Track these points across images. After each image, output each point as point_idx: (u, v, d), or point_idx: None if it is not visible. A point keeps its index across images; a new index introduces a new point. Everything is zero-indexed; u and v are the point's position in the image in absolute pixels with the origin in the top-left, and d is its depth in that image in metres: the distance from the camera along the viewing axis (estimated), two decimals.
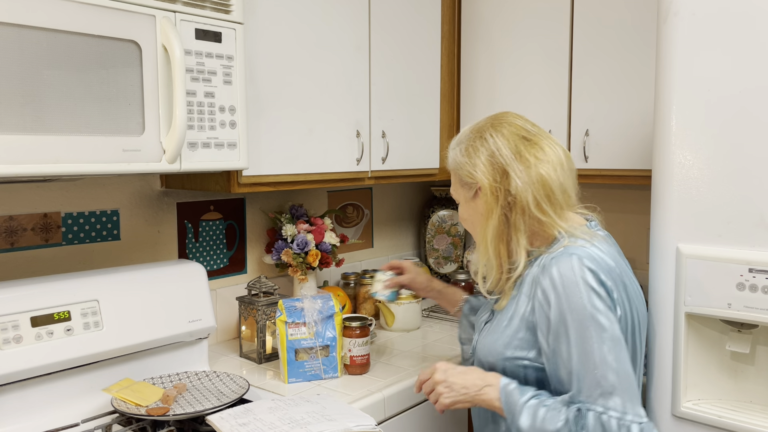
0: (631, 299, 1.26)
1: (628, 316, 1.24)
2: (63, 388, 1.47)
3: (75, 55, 1.26)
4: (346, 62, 1.94)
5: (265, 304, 1.84)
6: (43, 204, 1.64)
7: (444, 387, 1.31)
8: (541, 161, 1.27)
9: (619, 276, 1.23)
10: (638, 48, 1.96)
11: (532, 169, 1.26)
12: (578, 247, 1.23)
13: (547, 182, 1.26)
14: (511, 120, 1.34)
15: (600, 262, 1.21)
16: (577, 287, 1.18)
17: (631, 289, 1.27)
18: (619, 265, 1.27)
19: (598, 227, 1.37)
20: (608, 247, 1.29)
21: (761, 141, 1.28)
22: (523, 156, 1.27)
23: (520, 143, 1.29)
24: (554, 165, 1.28)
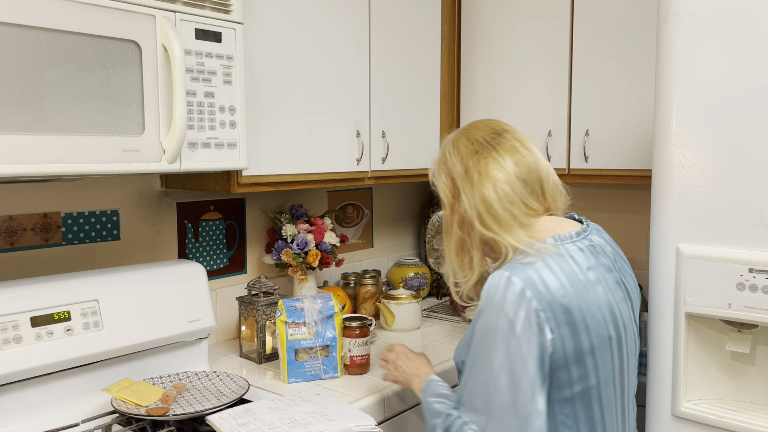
0: (578, 323, 1.16)
1: (566, 340, 1.15)
2: (63, 388, 1.47)
3: (75, 55, 1.26)
4: (346, 62, 1.94)
5: (265, 304, 1.84)
6: (43, 204, 1.64)
7: (392, 365, 1.55)
8: (483, 178, 1.25)
9: (560, 299, 1.15)
10: (638, 48, 1.96)
11: (476, 188, 1.26)
12: (517, 264, 1.18)
13: (487, 201, 1.24)
14: (472, 132, 1.33)
15: (533, 283, 1.15)
16: (492, 304, 1.16)
17: (584, 311, 1.16)
18: (574, 284, 1.17)
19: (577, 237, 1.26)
20: (568, 264, 1.19)
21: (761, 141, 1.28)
22: (470, 174, 1.27)
23: (470, 159, 1.28)
24: (495, 182, 1.24)
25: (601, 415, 1.21)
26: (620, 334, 1.21)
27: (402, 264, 2.57)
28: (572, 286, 1.16)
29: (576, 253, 1.21)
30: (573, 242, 1.23)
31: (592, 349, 1.17)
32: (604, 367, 1.19)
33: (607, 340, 1.19)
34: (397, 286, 2.51)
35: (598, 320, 1.18)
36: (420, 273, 2.54)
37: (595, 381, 1.19)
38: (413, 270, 2.54)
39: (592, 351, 1.17)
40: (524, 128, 2.20)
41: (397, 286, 2.51)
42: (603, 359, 1.19)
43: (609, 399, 1.21)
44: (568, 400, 1.18)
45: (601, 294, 1.19)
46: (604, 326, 1.18)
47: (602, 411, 1.21)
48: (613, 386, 1.22)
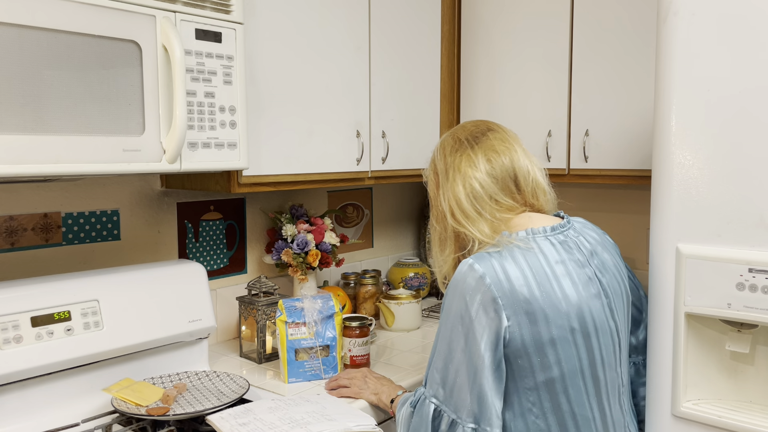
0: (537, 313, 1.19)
1: (524, 329, 1.18)
2: (63, 388, 1.47)
3: (75, 55, 1.27)
4: (346, 62, 1.94)
5: (265, 304, 1.84)
6: (43, 204, 1.64)
7: (359, 380, 1.58)
8: (456, 174, 1.33)
9: (519, 288, 1.18)
10: (638, 48, 1.97)
11: (449, 184, 1.34)
12: (483, 254, 1.24)
13: (456, 196, 1.32)
14: (459, 131, 1.39)
15: (494, 271, 1.20)
16: (455, 288, 1.24)
17: (543, 303, 1.19)
18: (537, 275, 1.20)
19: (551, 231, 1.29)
20: (536, 258, 1.23)
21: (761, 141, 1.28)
22: (448, 171, 1.35)
23: (450, 157, 1.36)
24: (465, 178, 1.31)
25: (570, 408, 1.23)
26: (587, 329, 1.22)
27: (402, 264, 2.57)
28: (535, 277, 1.21)
29: (546, 246, 1.26)
30: (545, 236, 1.28)
31: (552, 340, 1.20)
32: (568, 359, 1.21)
33: (569, 332, 1.21)
34: (397, 286, 2.51)
35: (559, 312, 1.20)
36: (420, 273, 2.54)
37: (559, 372, 1.21)
38: (413, 270, 2.54)
39: (552, 342, 1.20)
40: (524, 128, 2.21)
41: (397, 286, 2.51)
42: (566, 351, 1.21)
43: (578, 392, 1.23)
44: (533, 389, 1.22)
45: (567, 288, 1.22)
46: (566, 318, 1.21)
47: (570, 403, 1.23)
48: (582, 379, 1.23)
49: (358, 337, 1.73)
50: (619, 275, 1.34)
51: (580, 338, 1.22)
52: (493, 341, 1.19)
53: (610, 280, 1.30)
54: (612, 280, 1.31)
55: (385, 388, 1.53)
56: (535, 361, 1.20)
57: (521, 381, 1.22)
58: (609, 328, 1.27)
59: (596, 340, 1.24)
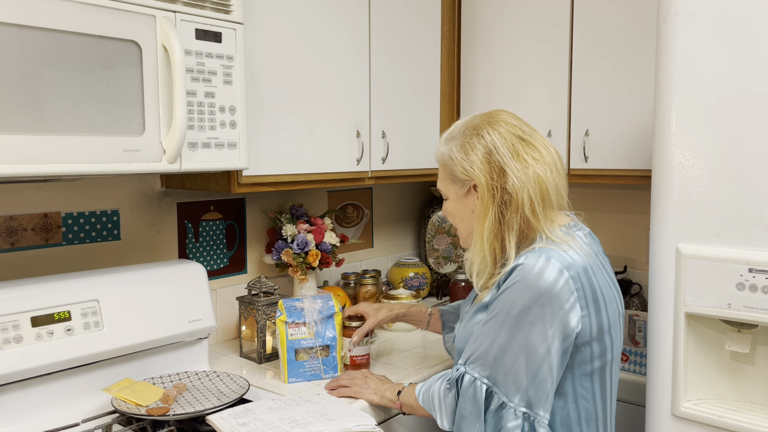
0: (600, 303, 1.25)
1: (592, 318, 1.24)
2: (63, 388, 1.47)
3: (75, 55, 1.27)
4: (346, 62, 1.94)
5: (265, 304, 1.84)
6: (43, 204, 1.64)
7: (360, 380, 1.56)
8: (537, 161, 1.29)
9: (588, 280, 1.24)
10: (638, 49, 1.96)
11: (530, 169, 1.27)
12: (550, 249, 1.24)
13: (543, 182, 1.27)
14: (507, 119, 1.35)
15: (568, 262, 1.23)
16: (528, 281, 1.21)
17: (602, 291, 1.26)
18: (593, 266, 1.27)
19: (578, 226, 1.37)
20: (584, 249, 1.28)
21: (761, 141, 1.28)
22: (520, 155, 1.29)
23: (516, 142, 1.30)
24: (550, 166, 1.29)
25: (611, 388, 1.32)
26: (622, 311, 1.34)
27: (402, 264, 2.57)
28: (592, 268, 1.26)
29: (584, 238, 1.32)
30: (576, 230, 1.34)
31: (609, 326, 1.27)
32: (617, 342, 1.31)
33: (618, 317, 1.31)
34: (397, 286, 2.51)
35: (612, 298, 1.29)
36: (420, 273, 2.54)
37: (611, 356, 1.29)
38: (413, 270, 2.54)
39: (609, 328, 1.27)
40: None
41: (397, 286, 2.51)
42: (616, 335, 1.30)
43: (616, 373, 1.33)
44: (588, 375, 1.27)
45: (609, 274, 1.32)
46: (615, 303, 1.30)
47: (612, 384, 1.32)
48: (617, 363, 1.33)
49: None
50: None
51: (622, 321, 1.33)
52: (564, 332, 1.21)
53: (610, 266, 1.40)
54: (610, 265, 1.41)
55: (387, 386, 1.53)
56: (595, 348, 1.26)
57: (579, 368, 1.26)
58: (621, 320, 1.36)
59: (623, 323, 1.35)
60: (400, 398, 1.46)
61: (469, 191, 1.35)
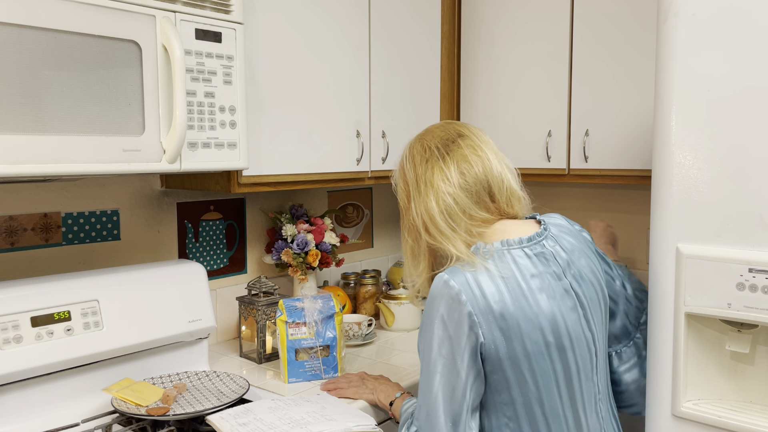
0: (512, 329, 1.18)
1: (499, 346, 1.17)
2: (63, 388, 1.47)
3: (75, 55, 1.27)
4: (346, 62, 1.94)
5: (265, 304, 1.84)
6: (43, 204, 1.64)
7: (356, 381, 1.57)
8: (428, 188, 1.28)
9: (488, 303, 1.17)
10: (638, 48, 1.96)
11: (422, 198, 1.29)
12: (457, 268, 1.21)
13: (430, 212, 1.27)
14: (427, 137, 1.34)
15: (469, 287, 1.18)
16: (431, 305, 1.22)
17: (519, 318, 1.18)
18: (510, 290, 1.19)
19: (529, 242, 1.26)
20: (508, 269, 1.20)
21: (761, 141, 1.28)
22: (419, 183, 1.30)
23: (420, 167, 1.31)
24: (438, 193, 1.26)
25: (545, 420, 1.23)
26: (562, 342, 1.21)
27: (402, 264, 2.56)
28: (509, 292, 1.19)
29: (521, 259, 1.23)
30: (521, 248, 1.24)
31: (527, 355, 1.19)
32: (543, 373, 1.20)
33: (544, 347, 1.20)
34: (397, 286, 2.50)
35: (534, 327, 1.19)
36: None
37: (534, 386, 1.21)
38: None
39: (527, 357, 1.19)
40: (524, 128, 2.21)
41: (397, 286, 2.51)
42: (540, 366, 1.20)
43: (553, 404, 1.22)
44: (508, 403, 1.21)
45: (543, 302, 1.20)
46: (540, 333, 1.19)
47: (546, 416, 1.22)
48: (557, 392, 1.22)
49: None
50: (595, 280, 1.32)
51: (555, 352, 1.21)
52: (471, 357, 1.18)
53: (586, 289, 1.28)
54: (588, 288, 1.29)
55: (383, 387, 1.53)
56: (510, 376, 1.19)
57: (497, 395, 1.21)
58: (585, 339, 1.26)
59: (572, 353, 1.23)
60: (392, 410, 1.48)
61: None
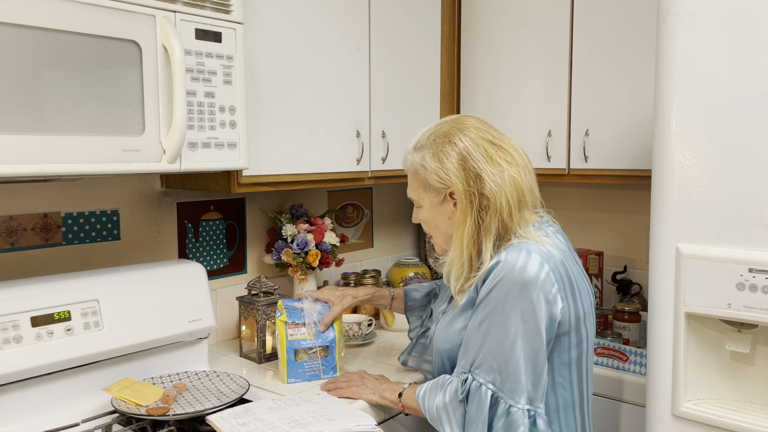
0: (576, 294, 1.31)
1: (571, 309, 1.29)
2: (63, 388, 1.47)
3: (75, 55, 1.27)
4: (346, 62, 1.94)
5: (265, 304, 1.84)
6: (43, 204, 1.64)
7: (357, 380, 1.56)
8: (510, 164, 1.32)
9: (565, 271, 1.29)
10: (638, 49, 1.96)
11: (505, 173, 1.30)
12: (528, 243, 1.29)
13: (519, 184, 1.31)
14: (475, 124, 1.37)
15: (547, 255, 1.28)
16: (512, 276, 1.24)
17: (578, 283, 1.32)
18: (567, 259, 1.32)
19: (548, 222, 1.40)
20: (557, 243, 1.33)
21: (761, 141, 1.28)
22: (493, 159, 1.31)
23: (488, 147, 1.33)
24: (522, 168, 1.33)
25: (587, 377, 1.36)
26: (592, 307, 1.37)
27: (402, 264, 2.57)
28: (567, 260, 1.32)
29: (555, 234, 1.36)
30: (548, 226, 1.38)
31: (585, 316, 1.33)
32: (592, 332, 1.36)
33: (591, 307, 1.36)
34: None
35: (587, 289, 1.36)
36: (420, 273, 2.54)
37: (586, 346, 1.34)
38: (413, 270, 2.54)
39: (585, 318, 1.33)
40: (524, 128, 2.21)
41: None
42: (590, 325, 1.35)
43: (590, 363, 1.37)
44: (566, 364, 1.31)
45: (579, 267, 1.37)
46: (589, 294, 1.36)
47: (588, 374, 1.36)
48: (591, 352, 1.38)
49: None
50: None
51: (594, 312, 1.38)
52: (549, 324, 1.25)
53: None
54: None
55: (386, 386, 1.53)
56: (573, 338, 1.30)
57: (558, 357, 1.30)
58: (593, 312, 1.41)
59: (592, 318, 1.37)
60: (402, 401, 1.46)
61: (445, 198, 1.36)
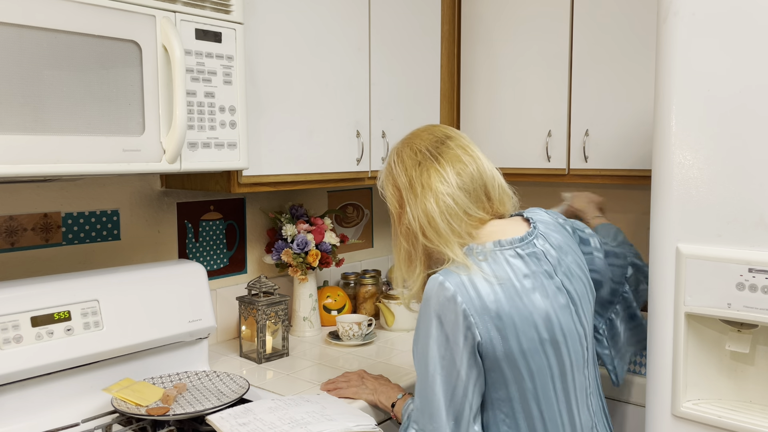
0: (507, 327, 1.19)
1: (495, 342, 1.19)
2: (63, 388, 1.47)
3: (75, 55, 1.27)
4: (346, 62, 1.94)
5: (265, 304, 1.84)
6: (43, 204, 1.64)
7: (355, 380, 1.57)
8: (426, 190, 1.26)
9: (484, 302, 1.18)
10: (638, 48, 1.97)
11: (419, 200, 1.27)
12: (452, 269, 1.21)
13: (429, 214, 1.25)
14: (415, 141, 1.33)
15: (464, 287, 1.19)
16: (427, 307, 1.22)
17: (513, 316, 1.19)
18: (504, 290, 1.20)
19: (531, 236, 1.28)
20: (502, 270, 1.22)
21: (761, 141, 1.28)
22: (413, 186, 1.28)
23: (413, 170, 1.29)
24: (437, 194, 1.25)
25: (540, 415, 1.24)
26: (556, 338, 1.24)
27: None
28: (504, 292, 1.20)
29: (514, 259, 1.24)
30: (513, 248, 1.26)
31: (523, 352, 1.20)
32: (539, 369, 1.22)
33: (539, 344, 1.22)
34: None
35: (529, 324, 1.21)
36: None
37: (531, 382, 1.22)
38: None
39: (523, 354, 1.21)
40: (524, 128, 2.21)
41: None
42: (537, 362, 1.22)
43: (549, 399, 1.24)
44: (505, 400, 1.23)
45: (537, 301, 1.22)
46: (535, 330, 1.21)
47: (541, 411, 1.24)
48: (552, 387, 1.24)
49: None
50: (583, 275, 1.34)
51: (550, 348, 1.23)
52: (470, 357, 1.19)
53: (577, 285, 1.30)
54: (578, 284, 1.31)
55: (383, 388, 1.53)
56: (507, 373, 1.21)
57: (495, 393, 1.23)
58: (578, 334, 1.28)
59: (566, 348, 1.25)
60: (394, 411, 1.48)
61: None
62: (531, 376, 1.22)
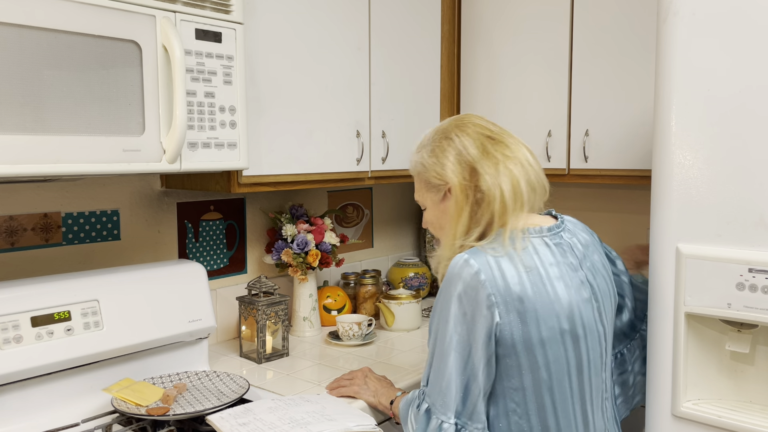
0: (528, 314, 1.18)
1: (514, 328, 1.17)
2: (63, 388, 1.47)
3: (75, 55, 1.27)
4: (346, 62, 1.94)
5: (265, 304, 1.84)
6: (43, 204, 1.64)
7: (360, 379, 1.57)
8: (508, 158, 1.27)
9: (509, 287, 1.17)
10: (638, 48, 1.97)
11: (501, 165, 1.26)
12: (480, 250, 1.21)
13: (515, 178, 1.25)
14: (475, 120, 1.34)
15: (489, 267, 1.18)
16: (449, 284, 1.21)
17: (536, 304, 1.18)
18: (530, 276, 1.19)
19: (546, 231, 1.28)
20: (528, 256, 1.21)
21: (761, 141, 1.28)
22: (489, 153, 1.27)
23: (485, 141, 1.29)
24: (521, 162, 1.28)
25: (554, 410, 1.22)
26: (576, 331, 1.22)
27: (402, 264, 2.57)
28: (529, 277, 1.19)
29: (541, 247, 1.25)
30: (541, 237, 1.26)
31: (542, 340, 1.19)
32: (556, 360, 1.21)
33: (559, 334, 1.20)
34: (397, 286, 2.51)
35: (551, 313, 1.19)
36: (420, 273, 2.54)
37: (546, 373, 1.20)
38: (413, 270, 2.54)
39: (542, 342, 1.19)
40: (524, 128, 2.21)
41: (397, 286, 2.51)
42: (555, 352, 1.20)
43: (564, 394, 1.22)
44: (518, 389, 1.21)
45: (560, 290, 1.21)
46: (556, 320, 1.20)
47: (555, 405, 1.22)
48: (568, 382, 1.22)
49: None
50: (607, 276, 1.34)
51: (569, 340, 1.22)
52: (485, 338, 1.18)
53: (600, 283, 1.30)
54: (602, 282, 1.31)
55: (384, 390, 1.53)
56: (523, 360, 1.19)
57: (507, 381, 1.21)
58: (597, 332, 1.27)
59: (585, 344, 1.24)
60: (392, 408, 1.47)
61: (445, 196, 1.32)
62: (547, 366, 1.20)
